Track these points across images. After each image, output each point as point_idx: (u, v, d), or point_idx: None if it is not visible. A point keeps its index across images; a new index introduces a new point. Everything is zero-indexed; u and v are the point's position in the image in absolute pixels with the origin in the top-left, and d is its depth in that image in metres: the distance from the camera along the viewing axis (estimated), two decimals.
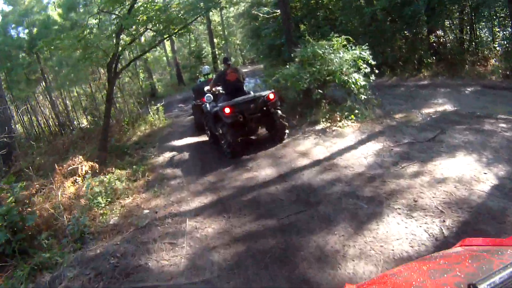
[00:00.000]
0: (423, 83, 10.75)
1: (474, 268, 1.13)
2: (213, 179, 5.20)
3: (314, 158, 5.37)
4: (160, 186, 5.33)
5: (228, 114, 5.64)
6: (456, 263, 1.24)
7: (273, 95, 5.98)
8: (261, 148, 6.17)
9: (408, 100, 8.59)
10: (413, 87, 10.31)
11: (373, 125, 6.54)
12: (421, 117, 6.83)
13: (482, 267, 1.11)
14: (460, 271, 1.12)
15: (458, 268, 1.15)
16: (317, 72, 6.86)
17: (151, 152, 7.33)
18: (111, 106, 7.07)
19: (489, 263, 1.16)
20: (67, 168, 6.35)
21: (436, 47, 12.15)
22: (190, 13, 7.68)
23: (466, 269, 1.14)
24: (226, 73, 6.36)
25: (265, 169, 5.20)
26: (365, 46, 7.09)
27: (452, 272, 1.14)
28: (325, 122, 6.82)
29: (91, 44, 6.55)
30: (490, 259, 1.20)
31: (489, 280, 0.89)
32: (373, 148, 5.46)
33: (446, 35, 12.49)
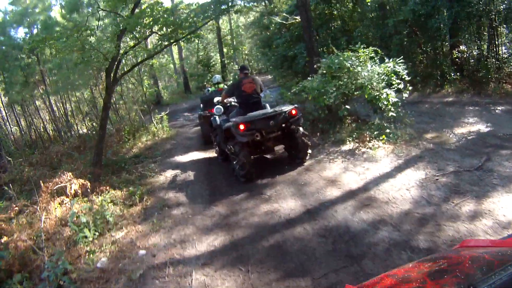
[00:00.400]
0: (448, 100, 9.99)
1: (474, 269, 1.14)
2: (224, 211, 4.31)
3: (346, 187, 4.49)
4: (160, 215, 4.45)
5: (243, 131, 4.79)
6: (456, 264, 1.24)
7: (296, 110, 5.13)
8: (279, 171, 5.29)
9: (436, 119, 7.87)
10: (437, 104, 9.56)
11: (408, 148, 5.68)
12: (455, 139, 6.08)
13: (482, 268, 1.13)
14: (460, 272, 1.12)
15: (458, 269, 1.15)
16: (344, 86, 6.02)
17: (152, 169, 6.45)
18: (107, 116, 6.25)
19: (489, 264, 1.16)
20: (55, 186, 5.49)
21: (459, 63, 11.37)
22: (200, 16, 6.91)
23: (466, 270, 1.14)
24: (243, 83, 5.55)
25: (287, 200, 4.31)
26: (399, 59, 6.25)
27: (452, 273, 1.13)
28: (352, 142, 5.96)
29: (89, 46, 5.77)
30: (490, 260, 1.19)
31: (489, 281, 0.91)
32: (414, 177, 4.61)
33: (470, 50, 11.71)
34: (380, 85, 6.21)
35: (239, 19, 28.69)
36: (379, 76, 6.08)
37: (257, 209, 4.19)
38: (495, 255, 1.23)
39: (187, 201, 4.78)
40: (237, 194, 4.73)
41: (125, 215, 4.65)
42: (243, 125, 4.78)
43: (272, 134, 5.09)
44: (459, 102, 9.44)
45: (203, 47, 23.27)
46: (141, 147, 8.22)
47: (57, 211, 5.19)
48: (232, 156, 5.21)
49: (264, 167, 5.56)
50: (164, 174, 6.07)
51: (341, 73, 6.20)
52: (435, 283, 1.10)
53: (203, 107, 7.97)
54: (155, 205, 4.77)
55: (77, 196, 5.51)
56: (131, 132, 9.28)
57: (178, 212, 4.46)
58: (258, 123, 4.88)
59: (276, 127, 5.01)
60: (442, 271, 1.23)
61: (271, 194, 4.52)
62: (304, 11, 7.19)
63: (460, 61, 11.14)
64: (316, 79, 6.17)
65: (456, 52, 11.17)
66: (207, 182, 5.43)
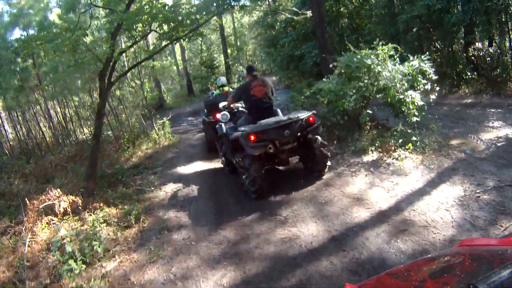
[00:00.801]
0: (467, 101, 9.37)
1: (474, 268, 1.15)
2: (233, 236, 3.67)
3: (375, 207, 3.85)
4: (158, 241, 3.82)
5: (254, 142, 4.14)
6: (456, 263, 1.24)
7: (313, 118, 4.46)
8: (294, 186, 4.65)
9: (459, 122, 7.27)
10: (457, 106, 8.94)
11: (438, 158, 5.04)
12: (484, 145, 5.49)
13: (482, 267, 1.14)
14: (460, 271, 1.13)
15: (459, 268, 1.17)
16: (365, 88, 5.37)
17: (151, 182, 5.83)
18: (101, 124, 5.65)
19: (489, 263, 1.16)
20: (42, 204, 4.91)
21: (474, 61, 10.69)
22: (202, 12, 6.29)
23: (466, 269, 1.14)
24: (252, 86, 4.87)
25: (307, 223, 3.67)
26: (425, 56, 5.59)
27: (452, 272, 1.14)
28: (374, 152, 5.31)
29: (82, 47, 5.18)
30: (490, 259, 1.19)
31: (489, 279, 0.90)
32: (452, 194, 3.98)
33: (486, 48, 11.02)
34: (404, 87, 5.57)
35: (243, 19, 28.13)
36: (403, 77, 5.43)
37: (272, 235, 3.55)
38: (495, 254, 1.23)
39: (190, 222, 4.15)
40: (247, 214, 4.09)
41: (119, 239, 4.04)
42: (253, 135, 4.13)
43: (287, 146, 4.41)
44: (479, 103, 8.86)
45: (206, 48, 22.70)
46: (141, 156, 7.61)
47: (45, 232, 4.63)
48: (241, 170, 4.57)
49: (276, 180, 4.92)
50: (164, 188, 5.44)
51: (360, 73, 5.55)
52: (435, 282, 1.09)
53: (207, 112, 7.35)
54: (153, 227, 4.15)
55: (67, 214, 4.93)
56: (131, 139, 8.68)
57: (179, 237, 3.83)
58: (271, 133, 4.21)
59: (292, 137, 4.33)
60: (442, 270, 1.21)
61: (287, 215, 3.88)
62: (317, 5, 6.55)
63: (476, 59, 10.49)
64: (332, 80, 5.52)
65: (472, 49, 10.52)
66: (213, 198, 4.79)
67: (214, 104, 6.97)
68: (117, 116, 11.28)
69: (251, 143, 4.13)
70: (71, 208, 4.98)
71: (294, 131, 4.29)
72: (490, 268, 1.06)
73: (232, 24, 26.49)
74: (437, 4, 10.07)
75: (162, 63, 16.75)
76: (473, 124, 6.87)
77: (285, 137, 4.26)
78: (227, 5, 6.41)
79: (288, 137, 4.29)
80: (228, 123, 5.47)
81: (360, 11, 13.68)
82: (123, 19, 4.66)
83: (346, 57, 5.49)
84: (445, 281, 1.08)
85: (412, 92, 5.52)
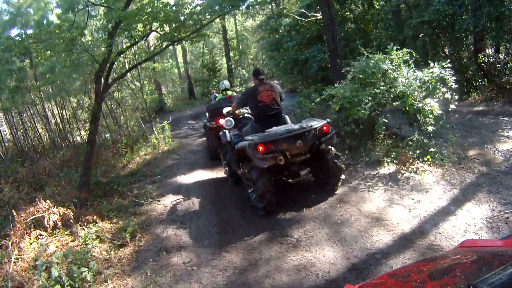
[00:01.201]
0: (478, 109, 9.08)
1: (474, 269, 1.15)
2: (239, 261, 3.27)
3: (396, 229, 3.46)
4: (155, 264, 3.42)
5: (263, 154, 3.72)
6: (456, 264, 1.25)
7: (327, 126, 4.06)
8: (305, 201, 4.26)
9: (472, 131, 6.95)
10: (468, 114, 8.61)
11: (459, 172, 4.67)
12: (502, 157, 5.17)
13: (482, 268, 1.14)
14: (460, 272, 1.13)
15: (458, 269, 1.18)
16: (381, 95, 5.00)
17: (149, 192, 5.43)
18: (97, 129, 5.26)
19: (489, 264, 1.16)
20: (30, 217, 4.51)
21: (484, 68, 10.39)
22: (206, 11, 5.94)
23: (466, 270, 1.15)
24: (259, 91, 4.48)
25: (322, 247, 3.27)
26: (446, 63, 5.23)
27: (452, 273, 1.14)
28: (390, 164, 4.92)
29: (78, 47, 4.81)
30: (490, 260, 1.20)
31: (489, 280, 0.90)
32: (479, 214, 3.62)
33: (496, 54, 10.73)
34: (422, 94, 5.21)
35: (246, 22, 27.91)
36: (422, 84, 5.06)
37: (283, 261, 3.15)
38: (495, 255, 1.22)
39: (191, 242, 3.74)
40: (254, 234, 3.70)
41: (112, 260, 3.64)
42: (262, 146, 3.73)
43: (299, 158, 3.99)
44: (491, 111, 8.57)
45: (208, 51, 22.37)
46: (139, 162, 7.21)
47: (33, 247, 4.23)
48: (247, 183, 4.17)
49: (285, 193, 4.52)
50: (163, 200, 5.04)
51: (376, 79, 5.18)
52: (435, 283, 1.09)
53: (210, 117, 6.96)
54: (150, 247, 3.75)
55: (57, 228, 4.54)
56: (129, 144, 8.28)
57: (179, 259, 3.43)
58: (282, 143, 3.80)
59: (305, 148, 3.93)
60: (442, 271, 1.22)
61: (299, 237, 3.49)
62: (327, 7, 6.18)
63: (486, 66, 10.18)
64: (345, 86, 5.14)
65: (482, 56, 10.22)
66: (216, 214, 4.39)
67: (217, 109, 6.59)
68: (116, 119, 10.90)
69: (259, 154, 3.71)
70: (62, 221, 4.59)
71: (307, 142, 3.89)
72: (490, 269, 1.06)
73: (235, 27, 26.20)
74: (448, 9, 9.76)
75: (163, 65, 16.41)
76: (487, 133, 6.60)
77: (297, 148, 3.85)
78: (232, 5, 6.04)
79: (300, 148, 3.88)
80: (232, 130, 5.10)
81: (366, 16, 13.37)
82: (121, 16, 4.29)
83: (361, 61, 5.12)
84: (445, 282, 1.08)
85: (430, 100, 5.16)
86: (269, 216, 4.00)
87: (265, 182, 3.90)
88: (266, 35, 19.27)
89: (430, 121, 5.20)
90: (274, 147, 3.78)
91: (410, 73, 5.32)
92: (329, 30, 6.34)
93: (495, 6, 8.85)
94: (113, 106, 10.44)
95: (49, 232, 4.46)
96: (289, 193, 4.57)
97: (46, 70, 9.73)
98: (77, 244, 4.14)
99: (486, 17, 9.03)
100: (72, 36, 4.78)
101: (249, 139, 3.92)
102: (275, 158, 3.74)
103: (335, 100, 4.98)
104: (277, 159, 3.75)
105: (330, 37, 6.40)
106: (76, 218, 4.74)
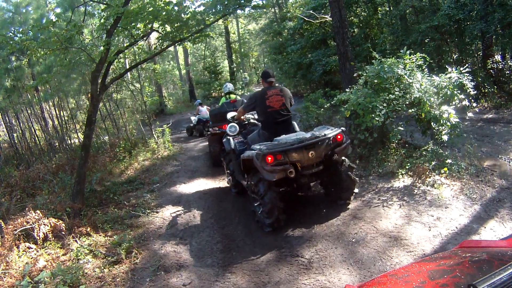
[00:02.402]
0: (488, 116, 8.81)
1: (474, 269, 1.15)
2: (246, 284, 2.95)
3: (417, 250, 3.15)
4: (152, 285, 3.09)
5: (272, 165, 3.37)
6: (456, 264, 1.24)
7: (342, 136, 3.72)
8: (315, 217, 3.95)
9: (484, 140, 6.71)
10: (478, 122, 8.35)
11: (479, 186, 4.38)
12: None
13: (481, 268, 1.14)
14: (460, 272, 1.12)
15: (458, 269, 1.16)
16: (396, 102, 4.70)
17: (147, 202, 5.11)
18: (92, 133, 4.93)
19: (488, 264, 1.17)
20: (20, 228, 4.19)
21: (493, 74, 10.15)
22: (210, 11, 5.66)
23: (466, 270, 1.14)
24: (268, 95, 4.13)
25: (337, 270, 2.95)
26: (464, 68, 4.94)
27: (452, 273, 1.13)
28: (405, 176, 4.61)
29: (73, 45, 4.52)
30: (490, 260, 1.20)
31: (488, 281, 0.90)
32: (503, 233, 3.32)
33: (505, 61, 10.51)
34: (439, 101, 4.91)
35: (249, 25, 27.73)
36: (439, 90, 4.77)
37: (294, 285, 2.83)
38: (495, 255, 1.24)
39: (192, 261, 3.41)
40: (261, 253, 3.37)
41: (106, 278, 3.31)
42: (271, 156, 3.37)
43: (311, 170, 3.65)
44: (502, 119, 8.32)
45: (210, 53, 22.12)
46: (137, 168, 6.88)
47: (22, 260, 3.92)
48: (253, 196, 3.84)
49: (292, 207, 4.20)
50: (161, 211, 4.70)
51: (390, 84, 4.88)
52: (435, 283, 1.09)
53: (212, 122, 6.66)
54: (147, 265, 3.42)
55: (48, 240, 4.22)
56: (127, 148, 7.96)
57: (178, 281, 3.10)
58: (293, 153, 3.45)
59: (318, 159, 3.59)
60: (442, 271, 1.21)
61: (311, 257, 3.17)
62: (338, 9, 5.89)
63: (494, 72, 9.95)
64: (357, 91, 4.84)
65: (490, 62, 9.98)
66: (219, 229, 4.05)
67: (220, 113, 6.29)
68: (115, 121, 10.58)
69: (268, 166, 3.37)
70: (53, 233, 4.27)
71: (320, 152, 3.55)
72: (489, 269, 1.07)
73: (237, 30, 26.00)
74: (458, 14, 9.52)
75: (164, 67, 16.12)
76: (500, 142, 6.38)
77: (309, 159, 3.51)
78: (238, 5, 5.76)
79: (313, 160, 3.54)
80: (237, 137, 4.75)
81: (371, 21, 13.15)
82: (119, 13, 4.00)
83: (375, 66, 4.83)
84: (445, 282, 1.08)
85: (447, 108, 4.86)
86: (276, 233, 3.68)
87: (274, 197, 3.56)
88: (269, 39, 19.06)
89: (445, 129, 4.92)
90: (284, 158, 3.42)
91: (425, 78, 5.04)
92: (339, 33, 6.05)
93: (507, 12, 8.62)
94: (112, 108, 10.14)
95: (39, 245, 4.14)
96: (297, 207, 4.24)
97: (43, 70, 9.43)
98: (68, 259, 3.83)
99: (497, 23, 8.79)
100: (70, 35, 4.49)
101: (257, 148, 3.57)
102: (285, 170, 3.38)
103: (347, 106, 4.68)
104: (288, 172, 3.40)
105: (340, 40, 6.11)
106: (69, 229, 4.43)
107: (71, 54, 4.92)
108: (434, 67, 7.33)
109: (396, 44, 11.81)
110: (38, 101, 10.98)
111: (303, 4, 15.49)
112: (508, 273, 0.93)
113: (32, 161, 9.84)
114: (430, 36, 10.71)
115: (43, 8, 10.77)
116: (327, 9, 11.67)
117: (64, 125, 11.68)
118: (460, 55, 11.02)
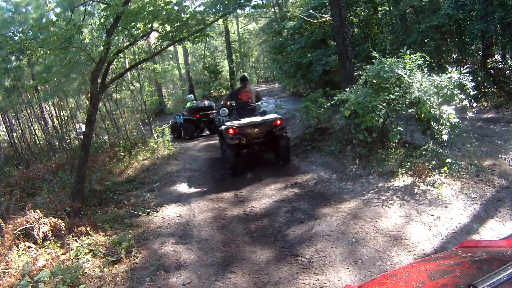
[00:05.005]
0: (488, 116, 8.81)
1: (474, 269, 1.14)
2: (246, 284, 2.94)
3: (417, 249, 3.16)
4: (152, 284, 3.09)
5: (231, 135, 5.63)
6: (456, 264, 1.24)
7: (280, 121, 5.80)
8: (314, 213, 3.94)
9: (484, 140, 6.71)
10: (478, 121, 8.36)
11: (478, 185, 4.39)
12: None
13: (481, 268, 1.14)
14: (460, 272, 1.12)
15: (458, 269, 1.16)
16: (396, 101, 4.70)
17: (147, 202, 5.10)
18: (91, 133, 4.93)
19: (488, 264, 1.17)
20: (19, 227, 4.19)
21: (493, 74, 10.15)
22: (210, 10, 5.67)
23: (466, 270, 1.14)
24: (240, 91, 6.32)
25: (337, 269, 2.95)
26: (464, 68, 4.94)
27: (452, 273, 1.13)
28: (405, 175, 4.61)
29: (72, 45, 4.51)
30: (490, 260, 1.20)
31: (488, 281, 0.90)
32: (503, 233, 3.34)
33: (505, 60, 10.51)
34: (438, 101, 4.91)
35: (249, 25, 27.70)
36: (439, 90, 4.76)
37: (294, 284, 2.83)
38: (495, 255, 1.23)
39: (192, 260, 3.41)
40: (261, 253, 3.38)
41: (105, 278, 3.31)
42: (232, 129, 5.62)
43: (257, 140, 5.87)
44: (501, 119, 8.33)
45: (210, 53, 22.10)
46: (137, 167, 6.88)
47: (21, 260, 3.91)
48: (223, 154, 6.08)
49: (291, 204, 4.20)
50: (161, 211, 4.70)
51: (390, 83, 4.88)
52: (435, 283, 1.10)
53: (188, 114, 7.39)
54: (146, 265, 3.42)
55: (48, 240, 4.21)
56: (127, 147, 7.95)
57: (178, 280, 3.10)
58: (245, 129, 5.68)
59: (261, 134, 5.80)
60: (442, 271, 1.21)
61: (310, 257, 3.17)
62: (337, 8, 5.88)
63: (494, 72, 9.95)
64: (357, 90, 4.84)
65: (490, 62, 9.99)
66: (218, 228, 4.06)
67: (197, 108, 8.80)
68: (114, 120, 10.57)
69: (229, 135, 5.60)
70: (53, 232, 4.27)
71: (262, 129, 5.74)
72: (489, 269, 1.07)
73: (237, 29, 25.98)
74: (458, 14, 9.52)
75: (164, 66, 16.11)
76: (500, 141, 6.39)
77: (255, 133, 5.74)
78: (238, 5, 5.76)
79: (257, 134, 5.75)
80: (226, 118, 6.45)
81: (371, 21, 13.14)
82: (119, 12, 3.99)
83: (375, 65, 4.82)
84: (445, 282, 1.08)
85: (447, 108, 4.86)
86: (276, 232, 3.68)
87: (233, 155, 5.74)
88: (268, 38, 19.05)
89: (445, 129, 4.91)
90: (240, 131, 5.63)
91: (425, 78, 5.04)
92: (339, 32, 6.05)
93: (507, 12, 8.62)
94: (112, 107, 10.13)
95: (39, 244, 4.14)
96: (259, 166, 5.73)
97: (43, 69, 9.41)
98: (68, 258, 3.83)
99: (498, 23, 8.80)
100: (70, 34, 4.48)
101: (225, 125, 5.75)
102: (239, 139, 5.64)
103: (347, 105, 4.68)
104: (241, 140, 5.65)
105: (340, 39, 6.11)
106: (69, 229, 4.42)
107: (71, 54, 4.92)
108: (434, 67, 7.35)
109: (396, 44, 11.80)
110: (38, 100, 10.98)
111: (303, 4, 15.48)
112: (508, 273, 0.93)
113: (32, 160, 9.85)
114: (430, 35, 10.71)
115: (43, 7, 10.74)
116: (327, 8, 11.67)
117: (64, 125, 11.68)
118: (460, 55, 11.00)
